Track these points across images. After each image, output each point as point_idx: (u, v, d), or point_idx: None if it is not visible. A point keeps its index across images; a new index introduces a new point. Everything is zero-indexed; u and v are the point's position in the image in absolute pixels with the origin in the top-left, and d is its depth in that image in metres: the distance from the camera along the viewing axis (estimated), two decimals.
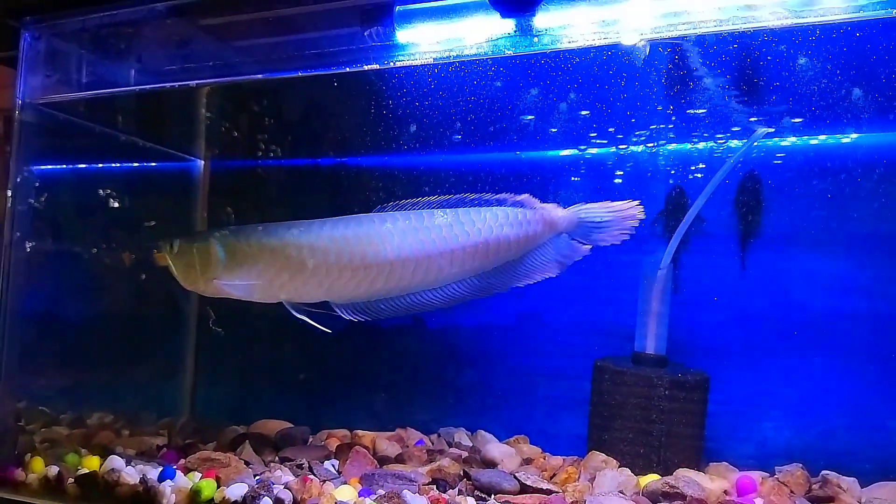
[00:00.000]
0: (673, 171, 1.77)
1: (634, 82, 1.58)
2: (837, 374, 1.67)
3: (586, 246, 1.49)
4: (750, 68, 1.44)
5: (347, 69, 1.36)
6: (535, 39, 1.24)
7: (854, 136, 1.60)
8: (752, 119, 1.57)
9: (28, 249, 1.69)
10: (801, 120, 1.52)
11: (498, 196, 1.49)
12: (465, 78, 1.56)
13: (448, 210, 1.46)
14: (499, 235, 1.44)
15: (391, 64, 1.35)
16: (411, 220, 1.45)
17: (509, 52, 1.26)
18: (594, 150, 1.82)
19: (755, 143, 1.64)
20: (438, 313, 1.99)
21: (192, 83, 1.53)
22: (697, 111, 1.62)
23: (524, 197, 1.49)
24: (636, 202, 1.47)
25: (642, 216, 1.47)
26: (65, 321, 1.95)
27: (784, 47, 1.31)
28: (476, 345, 1.98)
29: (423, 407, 1.97)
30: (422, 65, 1.36)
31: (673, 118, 1.68)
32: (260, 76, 1.48)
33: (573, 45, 1.23)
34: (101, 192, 1.96)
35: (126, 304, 2.05)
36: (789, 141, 1.62)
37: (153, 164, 2.08)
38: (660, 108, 1.65)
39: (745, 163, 1.66)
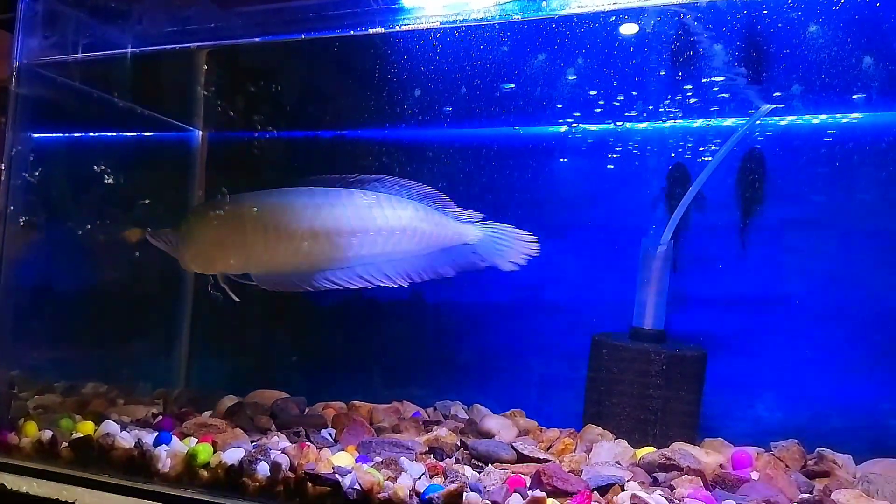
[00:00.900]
0: (679, 152, 1.76)
1: (640, 53, 1.57)
2: (832, 356, 1.67)
3: (483, 263, 1.52)
4: (757, 41, 1.43)
5: (352, 32, 1.35)
6: (544, 4, 1.23)
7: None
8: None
9: (23, 219, 1.67)
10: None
11: (428, 190, 1.51)
12: (463, 50, 1.55)
13: (370, 193, 1.47)
14: (414, 228, 1.45)
15: (396, 27, 1.34)
16: (329, 196, 1.45)
17: (517, 17, 1.25)
18: (594, 127, 1.81)
19: (758, 121, 1.64)
20: (437, 289, 2.00)
21: (193, 45, 1.51)
22: (701, 84, 1.62)
23: (447, 200, 1.52)
24: (535, 238, 1.51)
25: (536, 253, 1.51)
26: (60, 293, 1.93)
27: (797, 14, 1.29)
28: (472, 321, 1.98)
29: (418, 383, 1.96)
30: (426, 30, 1.34)
31: (679, 95, 1.68)
32: (261, 39, 1.46)
33: (582, 10, 1.22)
34: (97, 161, 1.94)
35: (122, 276, 2.03)
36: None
37: (151, 133, 2.05)
38: (663, 75, 1.64)
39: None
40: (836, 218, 1.68)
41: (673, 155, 1.77)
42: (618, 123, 1.77)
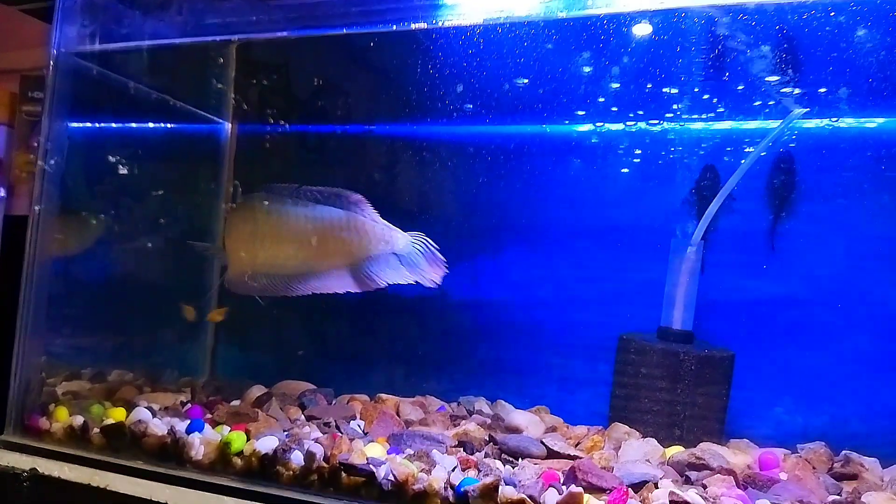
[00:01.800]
0: (710, 154, 1.76)
1: (672, 55, 1.58)
2: (856, 359, 1.67)
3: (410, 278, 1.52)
4: (795, 43, 1.44)
5: (394, 27, 1.35)
6: (589, 2, 1.24)
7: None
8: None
9: (56, 208, 1.68)
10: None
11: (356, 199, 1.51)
12: (498, 46, 1.56)
13: (304, 202, 1.52)
14: (337, 237, 1.48)
15: (438, 24, 1.34)
16: (275, 204, 1.54)
17: (562, 15, 1.26)
18: (622, 126, 1.82)
19: (791, 123, 1.65)
20: (461, 287, 2.01)
21: (234, 38, 1.52)
22: (735, 87, 1.63)
23: (371, 211, 1.52)
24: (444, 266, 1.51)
25: (438, 281, 1.51)
26: (86, 281, 1.94)
27: (843, 18, 1.29)
28: (494, 319, 1.99)
29: (438, 378, 1.97)
30: (469, 26, 1.35)
31: (706, 95, 1.69)
32: (302, 34, 1.47)
33: (625, 9, 1.22)
34: (126, 152, 1.95)
35: (149, 266, 2.05)
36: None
37: (180, 125, 2.06)
38: (693, 76, 1.65)
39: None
40: (862, 221, 1.68)
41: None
42: (647, 122, 1.78)
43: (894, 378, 1.64)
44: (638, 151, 1.82)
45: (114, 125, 1.96)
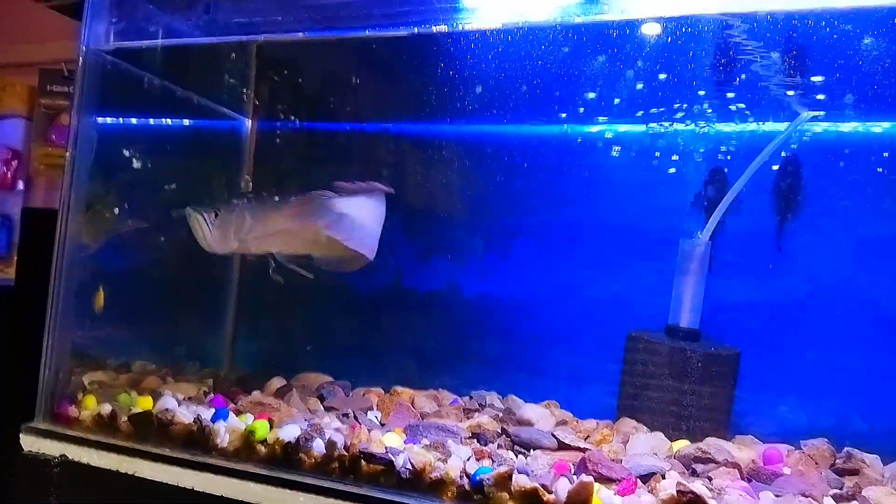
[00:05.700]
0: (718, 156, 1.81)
1: (682, 59, 1.62)
2: (859, 359, 1.71)
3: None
4: (804, 48, 1.47)
5: (416, 29, 1.40)
6: (605, 7, 1.27)
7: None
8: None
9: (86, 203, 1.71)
10: None
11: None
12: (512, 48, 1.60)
13: None
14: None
15: (459, 27, 1.38)
16: None
17: (579, 20, 1.30)
18: (636, 127, 1.86)
19: (799, 127, 1.69)
20: (473, 284, 2.06)
21: (260, 38, 1.56)
22: (743, 92, 1.66)
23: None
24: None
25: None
26: (110, 274, 1.99)
27: (849, 27, 1.33)
28: (505, 315, 2.04)
29: (450, 373, 2.02)
30: (489, 30, 1.39)
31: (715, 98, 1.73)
32: (327, 34, 1.51)
33: (642, 16, 1.26)
34: (151, 146, 1.99)
35: (171, 261, 2.09)
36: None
37: (203, 121, 2.11)
38: (703, 88, 1.69)
39: None
40: (865, 223, 1.72)
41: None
42: (661, 124, 1.82)
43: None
44: (656, 153, 1.86)
45: (137, 121, 2.00)
